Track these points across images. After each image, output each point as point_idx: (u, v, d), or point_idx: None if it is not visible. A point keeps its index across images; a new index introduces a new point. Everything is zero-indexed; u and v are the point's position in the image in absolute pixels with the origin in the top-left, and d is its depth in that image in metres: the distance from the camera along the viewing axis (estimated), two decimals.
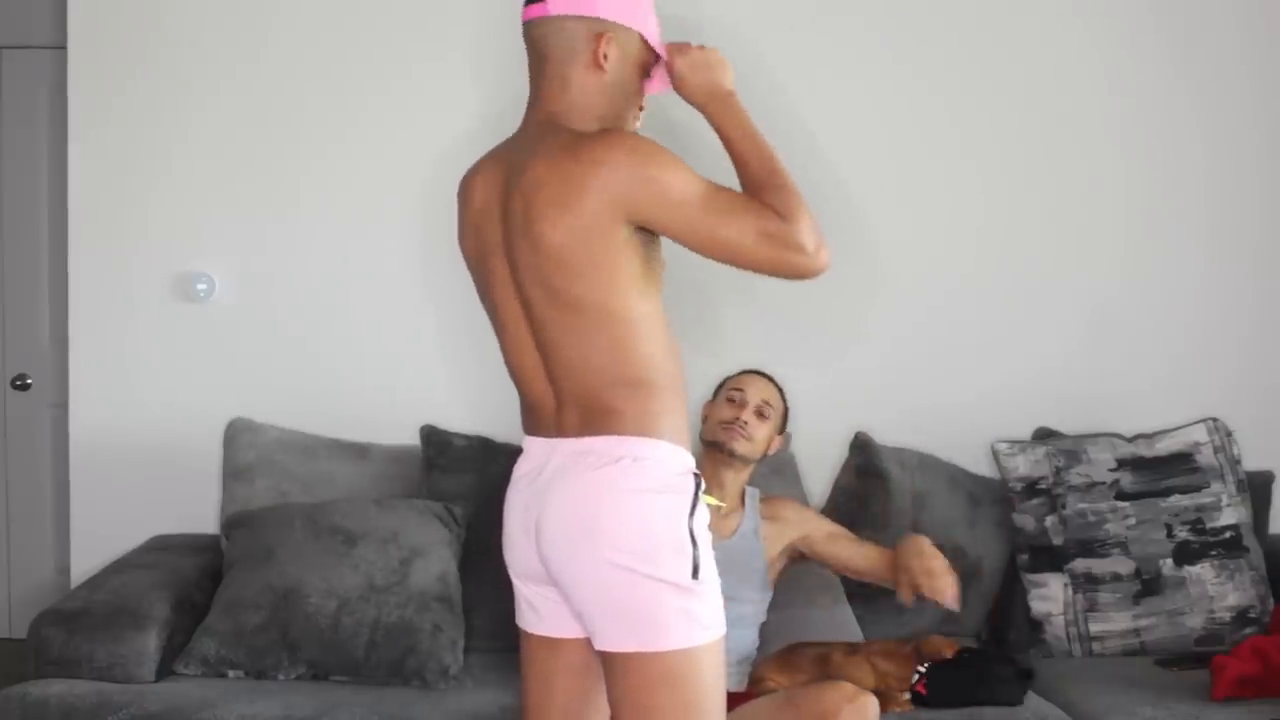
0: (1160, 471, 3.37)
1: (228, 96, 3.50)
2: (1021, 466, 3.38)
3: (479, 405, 3.38)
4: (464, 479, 3.26)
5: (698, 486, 1.93)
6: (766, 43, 3.45)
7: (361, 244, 3.53)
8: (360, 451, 3.41)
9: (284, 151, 3.51)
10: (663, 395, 1.93)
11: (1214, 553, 3.29)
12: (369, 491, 3.30)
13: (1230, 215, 3.66)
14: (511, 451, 2.09)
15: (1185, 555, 3.29)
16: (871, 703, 2.49)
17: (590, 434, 1.92)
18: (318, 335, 3.53)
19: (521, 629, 2.09)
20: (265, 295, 3.53)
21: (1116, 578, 3.27)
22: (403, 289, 3.52)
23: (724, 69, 2.04)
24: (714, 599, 1.92)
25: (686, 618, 1.88)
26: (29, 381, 4.53)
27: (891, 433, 3.46)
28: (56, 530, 4.40)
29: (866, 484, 3.34)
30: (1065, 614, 3.26)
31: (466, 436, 3.36)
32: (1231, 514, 3.34)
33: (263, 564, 2.99)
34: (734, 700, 2.36)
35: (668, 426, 1.93)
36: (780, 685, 2.75)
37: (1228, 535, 3.31)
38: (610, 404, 1.92)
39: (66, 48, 3.48)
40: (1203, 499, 3.34)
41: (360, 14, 3.52)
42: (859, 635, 3.09)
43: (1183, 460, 3.38)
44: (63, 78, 3.52)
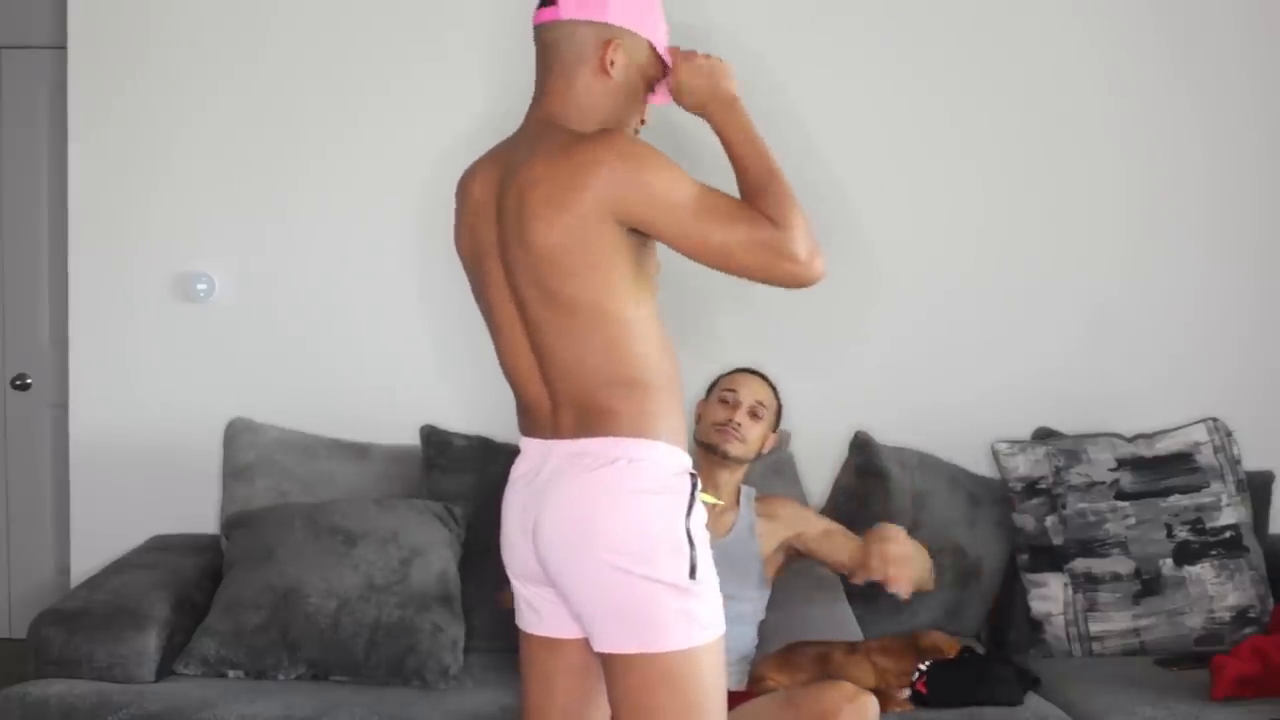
0: (1160, 471, 3.37)
1: (227, 96, 3.50)
2: (1021, 466, 3.38)
3: (479, 405, 3.38)
4: (464, 479, 3.26)
5: (694, 486, 1.93)
6: (767, 43, 3.45)
7: (361, 244, 3.52)
8: (360, 451, 3.41)
9: (283, 151, 3.51)
10: (658, 395, 1.93)
11: (1214, 553, 3.29)
12: (369, 491, 3.30)
13: (1230, 215, 3.66)
14: (511, 452, 2.08)
15: (1185, 555, 3.28)
16: (872, 702, 2.50)
17: (586, 435, 1.92)
18: (317, 335, 3.53)
19: (521, 630, 2.09)
20: (265, 295, 3.53)
21: (1116, 578, 3.27)
22: (403, 289, 3.52)
23: (728, 75, 2.04)
24: (713, 599, 1.92)
25: (685, 618, 1.88)
26: (29, 381, 4.53)
27: (891, 433, 3.46)
28: (56, 530, 4.40)
29: (866, 484, 3.34)
30: (1065, 614, 3.26)
31: (466, 436, 3.36)
32: (1231, 514, 3.34)
33: (263, 564, 2.99)
34: (734, 699, 2.35)
35: (664, 427, 1.92)
36: (780, 684, 2.75)
37: (1228, 535, 3.31)
38: (606, 405, 1.91)
39: (66, 48, 3.48)
40: (1203, 499, 3.34)
41: (359, 14, 3.52)
42: (858, 634, 3.09)
43: (1183, 460, 3.38)
44: (63, 78, 3.52)
